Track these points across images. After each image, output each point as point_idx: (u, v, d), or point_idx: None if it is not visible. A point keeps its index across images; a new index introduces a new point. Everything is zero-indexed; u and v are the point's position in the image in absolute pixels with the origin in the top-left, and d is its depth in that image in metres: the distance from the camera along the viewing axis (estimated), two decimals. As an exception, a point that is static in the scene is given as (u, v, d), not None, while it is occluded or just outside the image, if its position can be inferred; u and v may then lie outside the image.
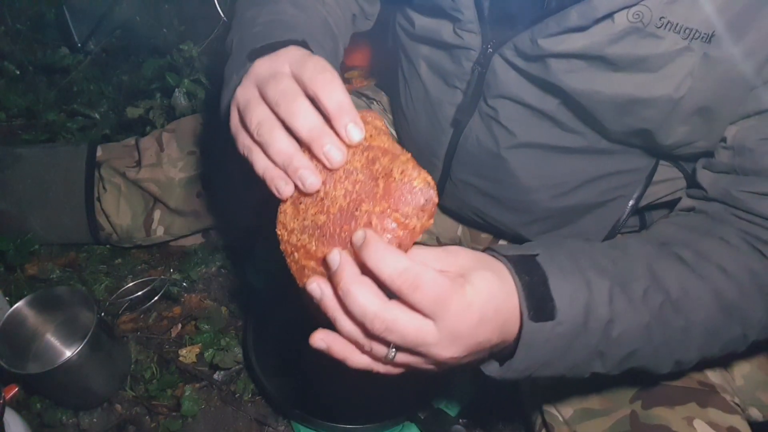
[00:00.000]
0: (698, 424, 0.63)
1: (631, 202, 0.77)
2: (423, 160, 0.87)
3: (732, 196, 0.60)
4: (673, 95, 0.59)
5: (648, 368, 0.56)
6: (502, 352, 0.49)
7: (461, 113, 0.74)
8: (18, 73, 1.51)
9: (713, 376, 0.69)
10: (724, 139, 0.61)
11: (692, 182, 0.68)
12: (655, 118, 0.61)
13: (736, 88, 0.57)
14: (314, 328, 0.48)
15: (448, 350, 0.44)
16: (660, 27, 0.56)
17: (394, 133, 1.03)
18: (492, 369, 0.50)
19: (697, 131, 0.62)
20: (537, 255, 0.50)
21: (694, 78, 0.57)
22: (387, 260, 0.42)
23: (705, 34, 0.55)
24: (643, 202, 0.77)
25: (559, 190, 0.75)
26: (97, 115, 1.38)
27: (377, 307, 0.42)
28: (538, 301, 0.47)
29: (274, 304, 0.96)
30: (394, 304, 0.43)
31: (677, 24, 0.55)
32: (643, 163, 0.73)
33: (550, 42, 0.60)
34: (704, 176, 0.64)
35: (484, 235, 1.00)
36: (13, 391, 0.76)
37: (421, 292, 0.42)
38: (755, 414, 0.77)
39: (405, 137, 0.93)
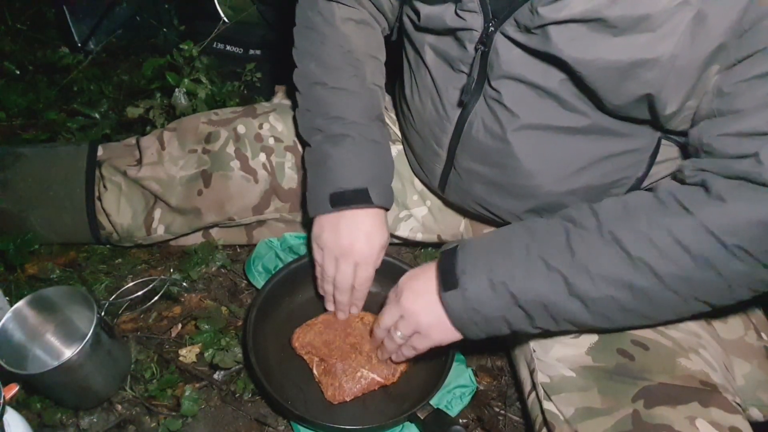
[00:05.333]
0: (701, 423, 0.62)
1: (633, 184, 0.77)
2: (427, 152, 0.88)
3: (703, 143, 0.63)
4: (672, 53, 0.59)
5: (588, 323, 0.67)
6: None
7: (466, 95, 0.75)
8: (18, 73, 1.51)
9: (715, 376, 0.69)
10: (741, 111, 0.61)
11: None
12: (656, 81, 0.61)
13: (725, 43, 0.58)
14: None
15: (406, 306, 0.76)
16: None
17: (397, 131, 1.04)
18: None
19: (692, 91, 0.62)
20: (457, 248, 0.73)
21: (689, 34, 0.58)
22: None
23: None
24: (646, 183, 0.77)
25: (563, 173, 0.76)
26: (97, 115, 1.38)
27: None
28: (445, 276, 0.71)
29: (274, 304, 0.96)
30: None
31: None
32: (645, 143, 0.73)
33: (550, 9, 0.61)
34: (690, 133, 0.66)
35: (486, 230, 1.00)
36: (13, 391, 0.75)
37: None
38: (756, 414, 0.77)
39: (409, 131, 0.93)
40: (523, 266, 0.67)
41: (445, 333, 0.74)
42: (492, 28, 0.69)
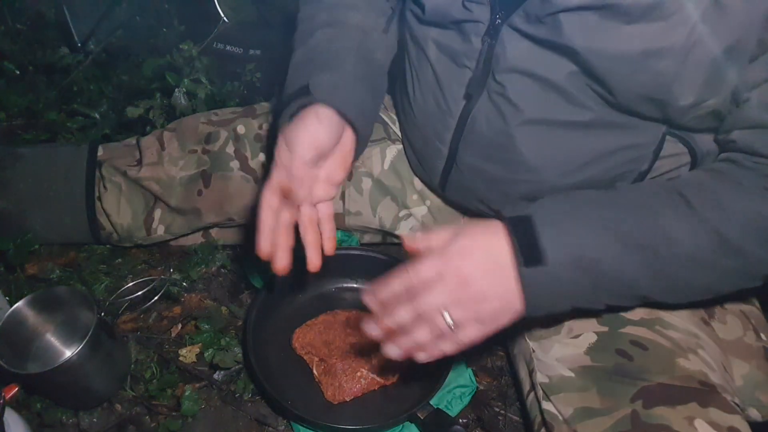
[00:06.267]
0: (699, 423, 0.62)
1: (636, 178, 0.77)
2: (428, 148, 0.88)
3: (754, 149, 0.63)
4: (686, 42, 0.59)
5: (657, 299, 0.65)
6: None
7: (472, 88, 0.75)
8: (18, 73, 1.51)
9: (714, 376, 0.69)
10: (748, 100, 0.62)
11: (724, 142, 0.70)
12: (668, 72, 0.61)
13: (746, 37, 0.58)
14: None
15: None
16: None
17: (397, 131, 1.04)
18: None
19: (709, 86, 0.62)
20: (532, 215, 0.63)
21: (705, 24, 0.58)
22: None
23: None
24: (648, 177, 0.77)
25: (566, 168, 0.76)
26: (97, 115, 1.38)
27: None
28: (526, 249, 0.61)
29: (274, 304, 0.96)
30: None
31: None
32: (649, 138, 0.73)
33: None
34: (734, 134, 0.66)
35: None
36: (13, 391, 0.76)
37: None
38: (754, 414, 0.77)
39: (410, 128, 0.93)
40: (617, 243, 0.61)
41: (509, 314, 0.62)
42: (499, 20, 0.69)
